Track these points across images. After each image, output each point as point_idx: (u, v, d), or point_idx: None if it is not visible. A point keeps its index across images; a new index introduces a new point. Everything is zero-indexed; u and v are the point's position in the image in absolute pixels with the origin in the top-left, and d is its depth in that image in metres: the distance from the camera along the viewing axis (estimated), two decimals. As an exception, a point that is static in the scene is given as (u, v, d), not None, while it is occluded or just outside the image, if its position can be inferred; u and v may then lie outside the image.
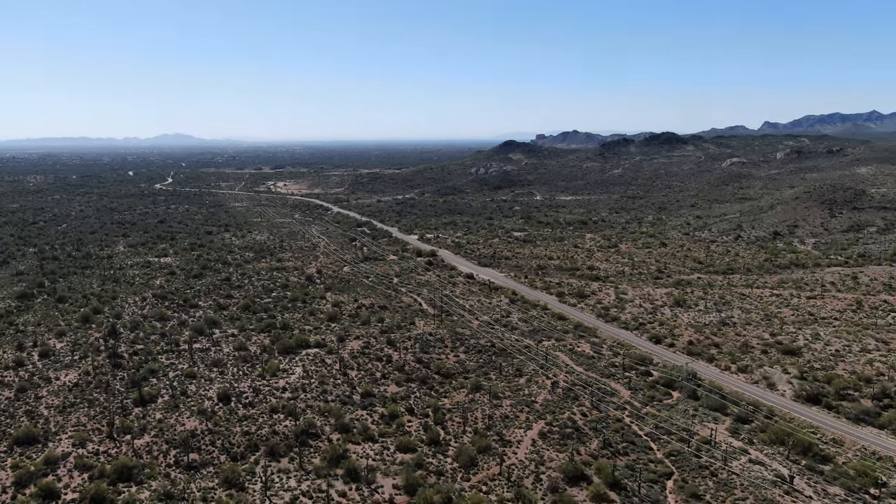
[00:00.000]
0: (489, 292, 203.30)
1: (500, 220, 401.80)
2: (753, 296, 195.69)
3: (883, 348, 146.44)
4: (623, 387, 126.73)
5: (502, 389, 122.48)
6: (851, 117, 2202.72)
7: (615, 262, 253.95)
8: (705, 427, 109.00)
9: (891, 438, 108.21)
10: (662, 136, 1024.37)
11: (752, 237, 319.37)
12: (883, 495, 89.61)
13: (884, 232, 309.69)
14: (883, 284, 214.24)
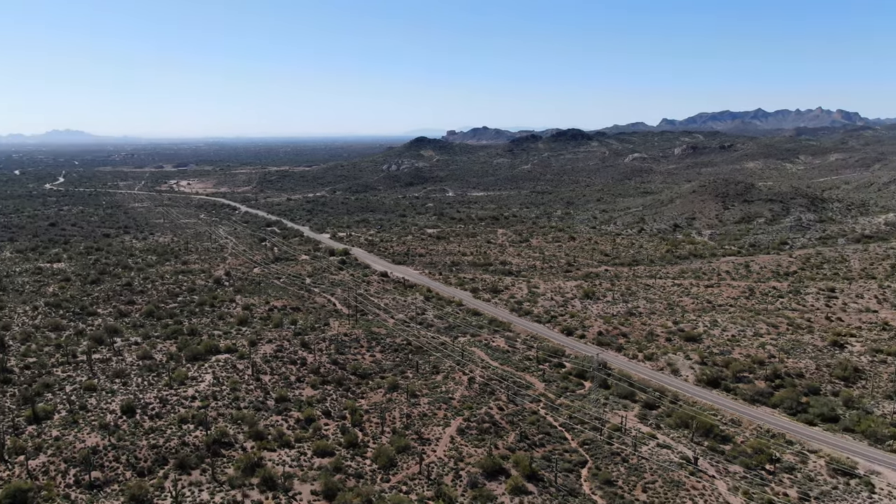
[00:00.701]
0: (404, 290, 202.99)
1: (413, 216, 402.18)
2: (657, 286, 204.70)
3: (773, 332, 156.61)
4: (538, 379, 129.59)
5: (420, 387, 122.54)
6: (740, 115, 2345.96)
7: (527, 257, 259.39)
8: (616, 415, 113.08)
9: (783, 416, 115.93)
10: (569, 132, 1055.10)
11: (654, 229, 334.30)
12: (777, 470, 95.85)
13: (771, 223, 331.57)
14: (771, 272, 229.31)
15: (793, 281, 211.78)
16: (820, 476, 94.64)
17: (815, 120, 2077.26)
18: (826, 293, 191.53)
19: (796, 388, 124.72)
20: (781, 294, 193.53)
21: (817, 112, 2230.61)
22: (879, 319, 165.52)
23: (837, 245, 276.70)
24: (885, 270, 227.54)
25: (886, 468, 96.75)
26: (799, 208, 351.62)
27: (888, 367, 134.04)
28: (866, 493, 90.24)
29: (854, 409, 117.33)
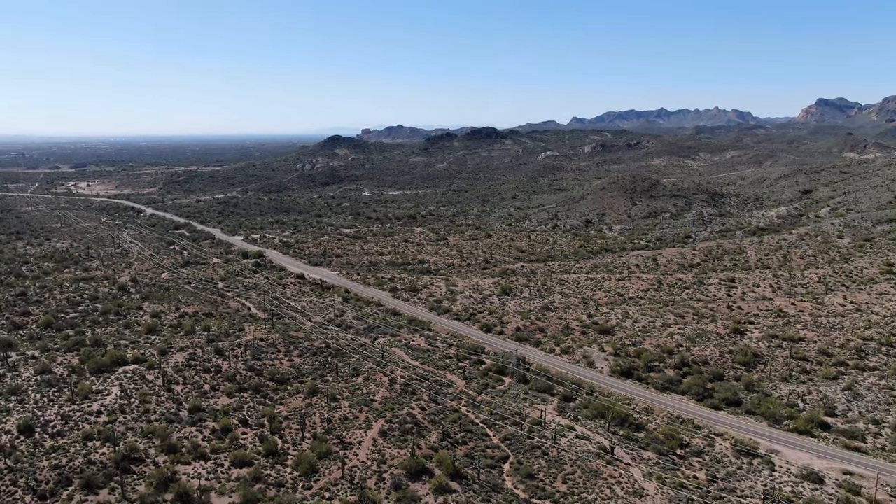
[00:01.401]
0: (321, 292, 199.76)
1: (329, 216, 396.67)
2: (571, 280, 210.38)
3: (680, 322, 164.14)
4: (458, 377, 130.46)
5: (340, 391, 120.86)
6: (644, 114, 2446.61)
7: (445, 255, 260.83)
8: (536, 409, 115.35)
9: (691, 402, 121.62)
10: (483, 130, 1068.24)
11: (567, 226, 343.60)
12: (687, 454, 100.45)
13: (675, 217, 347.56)
14: (677, 264, 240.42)
15: (697, 273, 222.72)
16: (726, 458, 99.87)
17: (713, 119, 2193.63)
18: (727, 283, 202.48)
19: (702, 375, 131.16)
20: (687, 285, 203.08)
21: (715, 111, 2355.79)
22: (774, 307, 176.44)
23: (736, 237, 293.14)
24: (778, 260, 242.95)
25: (785, 447, 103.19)
26: (700, 203, 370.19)
27: (783, 351, 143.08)
28: (767, 471, 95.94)
29: (754, 392, 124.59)
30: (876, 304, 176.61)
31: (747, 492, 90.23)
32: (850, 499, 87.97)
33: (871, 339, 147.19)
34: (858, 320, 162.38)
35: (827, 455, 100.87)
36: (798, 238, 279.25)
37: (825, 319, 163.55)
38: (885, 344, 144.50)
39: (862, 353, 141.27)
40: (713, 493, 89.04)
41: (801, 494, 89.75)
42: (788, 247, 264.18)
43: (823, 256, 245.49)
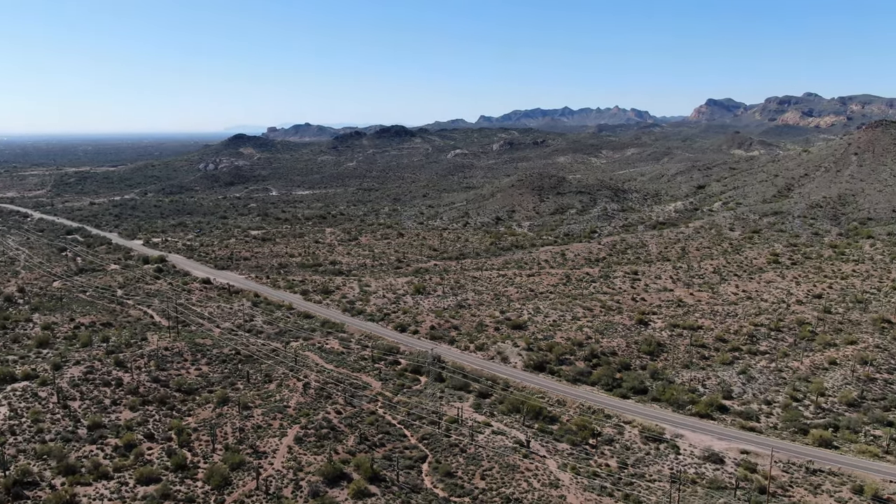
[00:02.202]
0: (229, 297, 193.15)
1: (236, 218, 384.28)
2: (484, 278, 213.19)
3: (589, 315, 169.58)
4: (374, 378, 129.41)
5: (252, 398, 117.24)
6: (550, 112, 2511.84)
7: (357, 255, 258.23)
8: (452, 407, 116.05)
9: (601, 393, 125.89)
10: (392, 129, 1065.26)
11: (478, 223, 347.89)
12: (599, 443, 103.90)
13: (581, 213, 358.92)
14: (584, 259, 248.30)
15: (603, 266, 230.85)
16: (635, 444, 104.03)
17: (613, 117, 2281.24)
18: (631, 276, 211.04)
19: (611, 366, 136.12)
20: (594, 279, 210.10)
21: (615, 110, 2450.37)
22: (675, 297, 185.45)
23: (638, 232, 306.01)
24: (677, 253, 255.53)
25: (688, 430, 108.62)
26: (604, 199, 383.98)
27: (684, 339, 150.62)
28: (673, 455, 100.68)
29: (659, 379, 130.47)
30: (765, 292, 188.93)
31: (655, 476, 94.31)
32: (747, 476, 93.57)
33: (762, 324, 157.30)
34: (750, 307, 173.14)
35: (726, 436, 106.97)
36: (694, 231, 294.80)
37: (720, 308, 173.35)
38: (773, 329, 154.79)
39: (754, 338, 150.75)
40: (624, 480, 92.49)
41: (704, 475, 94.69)
42: (686, 239, 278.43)
43: (717, 248, 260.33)
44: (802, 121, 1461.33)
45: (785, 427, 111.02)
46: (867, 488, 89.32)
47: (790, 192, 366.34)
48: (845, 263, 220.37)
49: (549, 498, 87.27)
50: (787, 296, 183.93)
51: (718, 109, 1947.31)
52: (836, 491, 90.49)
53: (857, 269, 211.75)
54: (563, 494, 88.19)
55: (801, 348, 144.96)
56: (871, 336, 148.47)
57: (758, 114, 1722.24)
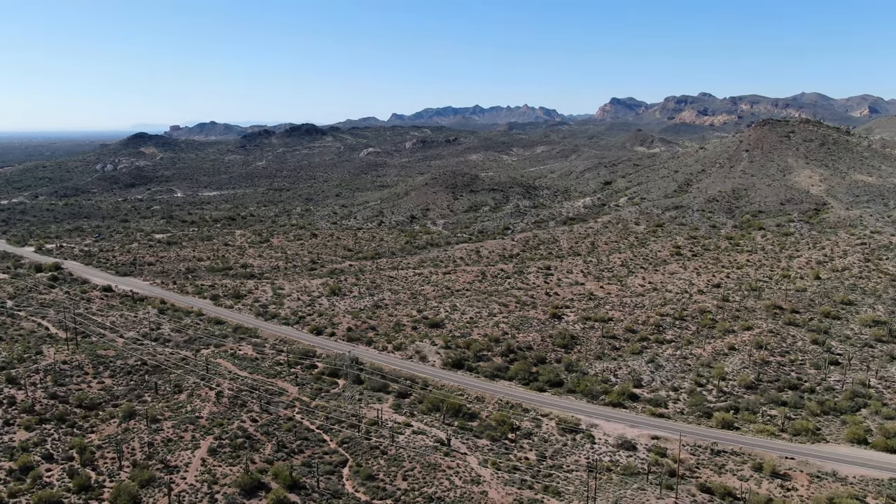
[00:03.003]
0: (133, 304, 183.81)
1: (138, 221, 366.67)
2: (400, 277, 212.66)
3: (504, 311, 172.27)
4: (291, 384, 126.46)
5: (161, 411, 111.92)
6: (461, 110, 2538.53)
7: (269, 258, 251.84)
8: (372, 409, 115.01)
9: (518, 387, 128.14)
10: (303, 127, 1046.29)
11: (392, 222, 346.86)
12: (518, 437, 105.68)
13: (494, 210, 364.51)
14: (499, 255, 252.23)
15: (517, 262, 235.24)
16: (552, 436, 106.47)
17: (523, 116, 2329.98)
18: (544, 271, 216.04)
19: (527, 360, 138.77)
20: (508, 275, 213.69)
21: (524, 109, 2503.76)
22: (586, 291, 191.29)
23: (549, 227, 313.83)
24: (586, 247, 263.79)
25: (602, 420, 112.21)
26: (516, 196, 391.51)
27: (596, 331, 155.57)
28: (589, 444, 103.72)
29: (573, 372, 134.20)
30: (669, 283, 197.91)
31: (573, 466, 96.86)
32: (658, 461, 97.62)
33: (667, 314, 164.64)
34: (656, 298, 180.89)
35: (638, 423, 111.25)
36: (602, 226, 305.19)
37: (629, 299, 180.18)
38: (678, 318, 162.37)
39: (660, 327, 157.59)
40: (543, 472, 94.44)
41: (618, 462, 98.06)
42: (595, 234, 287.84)
43: (624, 242, 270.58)
44: (698, 119, 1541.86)
45: (691, 412, 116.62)
46: (766, 465, 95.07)
47: (689, 187, 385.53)
48: (740, 254, 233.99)
49: (471, 495, 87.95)
50: (690, 286, 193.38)
51: (622, 108, 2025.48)
52: (738, 470, 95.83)
53: (751, 258, 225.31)
54: (484, 490, 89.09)
55: (703, 336, 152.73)
56: (764, 322, 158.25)
57: (658, 112, 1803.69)
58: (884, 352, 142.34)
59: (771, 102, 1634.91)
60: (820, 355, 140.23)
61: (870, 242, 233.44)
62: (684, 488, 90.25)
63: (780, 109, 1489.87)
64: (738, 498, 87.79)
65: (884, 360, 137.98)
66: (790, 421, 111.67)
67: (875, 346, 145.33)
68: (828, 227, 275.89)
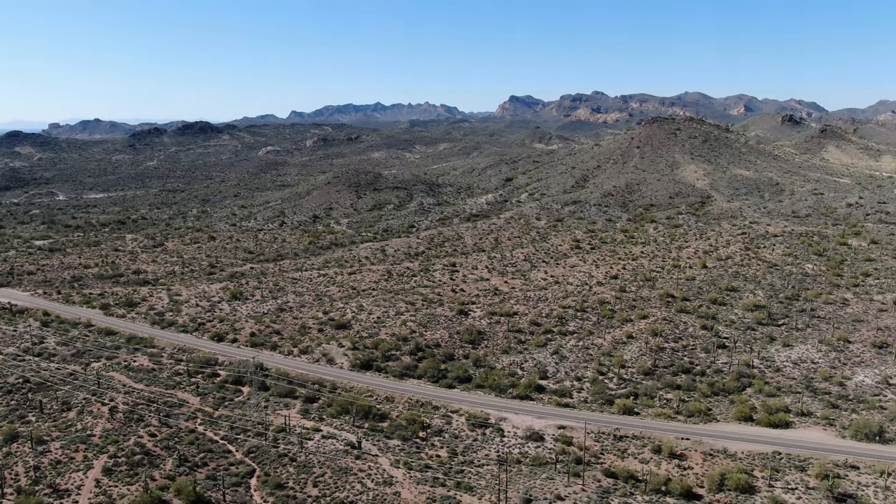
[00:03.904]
0: (12, 317, 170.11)
1: (14, 227, 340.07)
2: (304, 278, 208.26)
3: (411, 309, 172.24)
4: (192, 394, 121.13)
5: (48, 431, 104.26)
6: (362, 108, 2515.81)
7: (164, 263, 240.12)
8: (279, 415, 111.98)
9: (428, 385, 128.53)
10: (197, 125, 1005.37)
11: (295, 222, 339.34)
12: (429, 435, 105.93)
13: (399, 208, 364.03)
14: (404, 254, 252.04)
15: (422, 260, 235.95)
16: (463, 432, 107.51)
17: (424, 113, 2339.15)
18: (450, 268, 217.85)
19: (436, 358, 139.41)
20: (414, 273, 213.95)
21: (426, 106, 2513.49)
22: (491, 286, 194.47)
23: (453, 224, 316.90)
24: (490, 243, 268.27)
25: (511, 413, 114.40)
26: (420, 194, 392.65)
27: (502, 326, 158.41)
28: (499, 438, 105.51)
29: (482, 367, 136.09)
30: (570, 276, 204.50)
31: (484, 460, 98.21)
32: (565, 450, 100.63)
33: (569, 306, 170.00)
34: (558, 291, 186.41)
35: (545, 415, 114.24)
36: (505, 222, 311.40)
37: (532, 293, 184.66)
38: (579, 310, 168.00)
39: (563, 319, 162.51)
40: (455, 468, 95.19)
41: (527, 454, 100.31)
42: (498, 230, 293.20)
43: (526, 237, 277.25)
44: (592, 117, 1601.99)
45: (594, 400, 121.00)
46: (664, 447, 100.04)
47: (586, 182, 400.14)
48: (635, 246, 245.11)
49: (383, 496, 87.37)
50: (589, 278, 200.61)
51: (520, 106, 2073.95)
52: (639, 453, 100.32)
53: (645, 250, 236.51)
54: (397, 491, 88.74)
55: (604, 326, 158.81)
56: (659, 310, 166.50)
57: (554, 110, 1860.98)
58: (764, 334, 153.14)
59: (658, 101, 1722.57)
60: (709, 340, 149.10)
61: (749, 232, 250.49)
62: (590, 474, 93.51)
63: (667, 108, 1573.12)
64: (639, 480, 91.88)
65: (764, 342, 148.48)
66: (684, 403, 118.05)
67: (757, 329, 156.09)
68: (712, 219, 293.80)
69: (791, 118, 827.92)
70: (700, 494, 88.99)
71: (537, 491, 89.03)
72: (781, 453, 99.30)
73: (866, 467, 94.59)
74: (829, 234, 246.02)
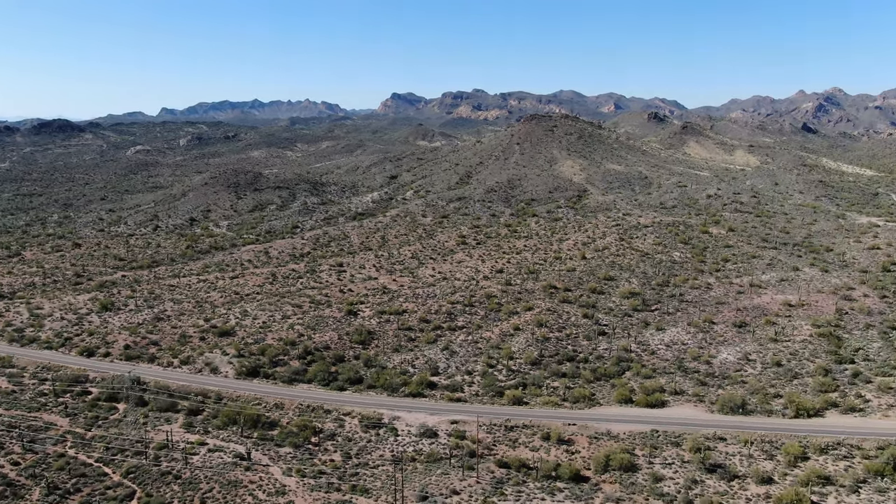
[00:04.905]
0: None
1: None
2: (182, 285, 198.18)
3: (299, 312, 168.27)
4: (60, 416, 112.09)
5: None
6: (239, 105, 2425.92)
7: (22, 274, 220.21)
8: (160, 431, 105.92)
9: (319, 389, 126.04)
10: (55, 123, 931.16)
11: (170, 226, 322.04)
12: (322, 440, 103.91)
13: (281, 208, 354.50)
14: (289, 255, 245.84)
15: (308, 261, 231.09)
16: (356, 434, 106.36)
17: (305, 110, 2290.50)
18: (337, 269, 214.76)
19: (326, 360, 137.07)
20: (300, 275, 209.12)
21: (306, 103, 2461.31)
22: (380, 285, 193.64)
23: (339, 224, 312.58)
24: (377, 241, 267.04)
25: (404, 412, 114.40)
26: (304, 193, 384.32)
27: (392, 325, 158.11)
28: (393, 437, 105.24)
29: (373, 367, 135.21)
30: (457, 272, 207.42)
31: (379, 461, 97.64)
32: (458, 444, 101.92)
33: (458, 301, 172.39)
34: (446, 287, 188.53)
35: (437, 411, 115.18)
36: (391, 220, 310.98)
37: (421, 290, 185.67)
38: (467, 305, 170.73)
39: (452, 315, 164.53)
40: (350, 471, 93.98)
41: (422, 451, 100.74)
42: (385, 228, 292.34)
43: (413, 234, 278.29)
44: (473, 114, 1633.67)
45: (485, 393, 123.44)
46: (553, 434, 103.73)
47: (470, 178, 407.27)
48: (518, 240, 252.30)
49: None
50: (476, 273, 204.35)
51: (403, 103, 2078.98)
52: (529, 442, 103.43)
53: (528, 244, 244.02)
54: (290, 500, 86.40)
55: (491, 319, 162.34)
56: (543, 301, 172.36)
57: (436, 107, 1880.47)
58: (639, 319, 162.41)
59: (536, 98, 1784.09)
60: (590, 328, 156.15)
61: (623, 224, 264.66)
62: (484, 466, 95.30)
63: (544, 105, 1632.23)
64: (531, 468, 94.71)
65: (640, 327, 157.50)
66: (570, 390, 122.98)
67: (633, 315, 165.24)
68: (589, 212, 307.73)
69: (656, 115, 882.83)
70: (587, 476, 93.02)
71: (433, 487, 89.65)
72: (659, 431, 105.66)
73: (732, 438, 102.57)
74: (692, 224, 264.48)
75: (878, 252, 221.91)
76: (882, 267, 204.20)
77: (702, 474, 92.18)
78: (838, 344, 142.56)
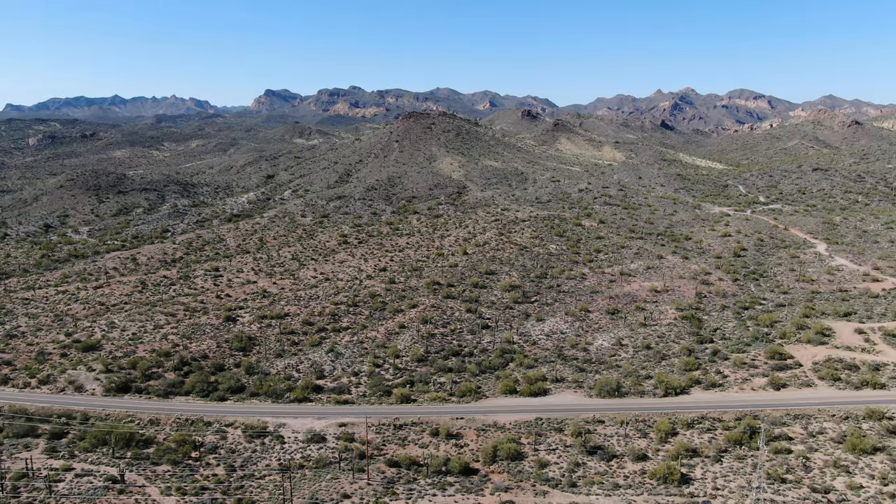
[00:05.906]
0: None
1: None
2: (38, 297, 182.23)
3: (172, 321, 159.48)
4: None
5: None
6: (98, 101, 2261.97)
7: None
8: (17, 459, 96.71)
9: (198, 401, 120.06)
10: None
11: (21, 233, 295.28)
12: (203, 454, 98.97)
13: (149, 212, 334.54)
14: (159, 261, 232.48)
15: (181, 267, 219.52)
16: (241, 445, 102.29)
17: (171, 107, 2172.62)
18: (212, 273, 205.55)
19: (204, 370, 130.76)
20: (173, 281, 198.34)
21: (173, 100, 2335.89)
22: (259, 288, 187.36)
23: (213, 226, 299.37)
24: (255, 244, 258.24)
25: (290, 418, 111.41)
26: (174, 195, 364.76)
27: (274, 329, 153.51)
28: (279, 445, 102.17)
29: (255, 374, 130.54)
30: (340, 272, 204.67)
31: (265, 471, 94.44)
32: (348, 447, 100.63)
33: (341, 302, 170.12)
34: (329, 288, 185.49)
35: (325, 415, 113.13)
36: (269, 220, 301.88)
37: (303, 292, 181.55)
38: (351, 305, 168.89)
39: (336, 316, 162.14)
40: (234, 484, 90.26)
41: (310, 457, 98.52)
42: (262, 230, 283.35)
43: (293, 235, 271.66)
44: (351, 111, 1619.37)
45: (372, 393, 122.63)
46: (441, 429, 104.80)
47: (349, 177, 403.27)
48: (400, 237, 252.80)
49: (155, 530, 79.91)
50: (359, 272, 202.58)
51: (277, 100, 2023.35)
52: (419, 439, 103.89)
53: (410, 241, 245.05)
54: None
55: (376, 318, 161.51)
56: (427, 298, 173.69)
57: (313, 104, 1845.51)
58: (520, 311, 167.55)
59: (413, 96, 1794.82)
60: (474, 322, 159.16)
61: (501, 218, 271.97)
62: (374, 467, 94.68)
63: (421, 102, 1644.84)
64: (421, 465, 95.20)
65: (521, 319, 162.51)
66: (457, 385, 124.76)
67: (514, 308, 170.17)
68: (469, 208, 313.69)
69: (529, 113, 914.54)
70: (477, 469, 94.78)
71: (323, 493, 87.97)
72: (542, 419, 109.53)
73: (610, 420, 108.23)
74: (567, 217, 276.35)
75: (729, 239, 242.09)
76: (733, 252, 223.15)
77: (583, 457, 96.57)
78: (699, 325, 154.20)
